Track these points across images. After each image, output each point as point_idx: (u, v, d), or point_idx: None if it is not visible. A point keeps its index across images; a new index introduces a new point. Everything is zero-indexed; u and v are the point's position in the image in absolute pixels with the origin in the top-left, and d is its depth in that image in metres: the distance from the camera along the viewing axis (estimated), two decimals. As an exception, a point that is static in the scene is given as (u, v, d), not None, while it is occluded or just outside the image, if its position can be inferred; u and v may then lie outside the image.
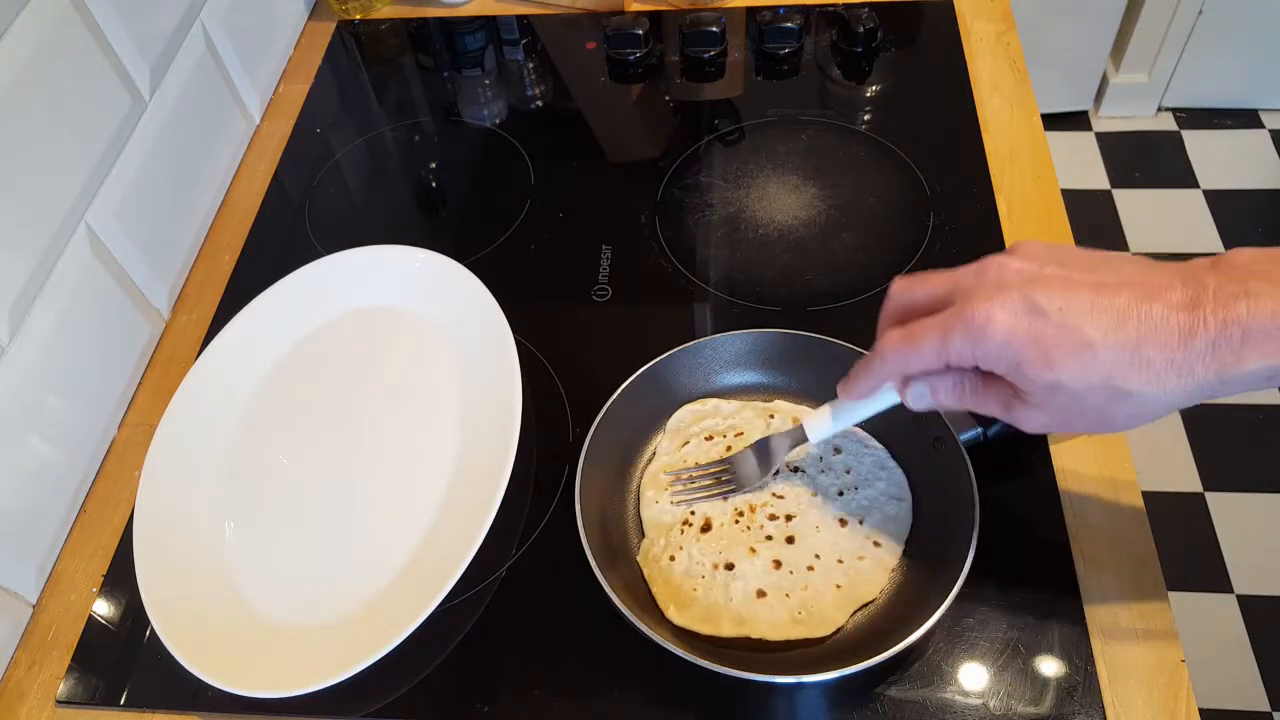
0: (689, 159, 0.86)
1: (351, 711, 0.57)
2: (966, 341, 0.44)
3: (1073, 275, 0.44)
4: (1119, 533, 0.60)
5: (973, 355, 0.44)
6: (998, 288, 0.44)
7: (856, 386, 0.52)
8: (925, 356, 0.46)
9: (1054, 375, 0.43)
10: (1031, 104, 0.87)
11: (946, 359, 0.45)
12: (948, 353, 0.45)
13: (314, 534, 0.64)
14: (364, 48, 1.03)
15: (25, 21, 0.64)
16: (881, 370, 0.49)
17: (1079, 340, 0.42)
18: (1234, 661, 1.37)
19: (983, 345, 0.44)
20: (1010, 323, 0.43)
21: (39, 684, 0.61)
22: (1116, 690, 0.54)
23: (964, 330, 0.44)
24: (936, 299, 0.47)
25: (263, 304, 0.73)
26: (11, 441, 0.62)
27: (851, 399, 0.53)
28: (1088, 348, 0.42)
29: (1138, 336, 0.42)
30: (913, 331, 0.47)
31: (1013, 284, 0.44)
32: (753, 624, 0.56)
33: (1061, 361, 0.42)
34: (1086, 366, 0.42)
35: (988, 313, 0.43)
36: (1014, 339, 0.43)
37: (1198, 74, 1.99)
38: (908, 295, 0.49)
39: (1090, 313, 0.42)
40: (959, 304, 0.45)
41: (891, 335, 0.48)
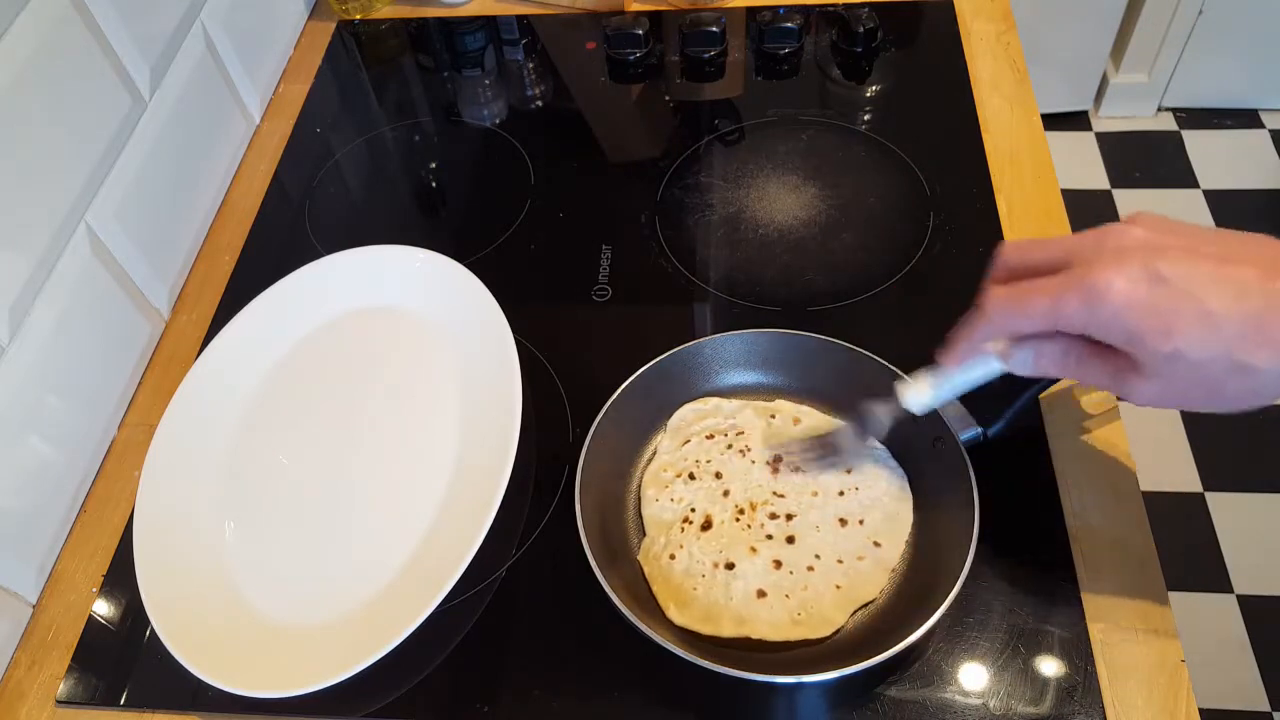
0: (689, 159, 0.86)
1: (351, 711, 0.57)
2: (1082, 305, 0.42)
3: (1197, 247, 0.42)
4: (1119, 533, 0.60)
5: (1086, 321, 0.43)
6: (1118, 254, 0.42)
7: (956, 348, 0.50)
8: (1034, 317, 0.44)
9: (1173, 345, 0.41)
10: (1031, 104, 0.87)
11: (1056, 322, 0.44)
12: (1059, 315, 0.43)
13: (314, 534, 0.64)
14: (364, 48, 1.03)
15: (25, 21, 0.64)
16: (984, 328, 0.47)
17: (1200, 310, 0.41)
18: (1234, 661, 1.37)
19: (1099, 311, 0.42)
20: (1130, 289, 0.41)
21: (39, 684, 0.61)
22: (1116, 690, 0.54)
23: (1080, 294, 0.42)
24: (1051, 262, 0.45)
25: (263, 304, 0.73)
26: (11, 441, 0.62)
27: (952, 363, 0.51)
28: (1209, 318, 0.41)
29: (1262, 309, 0.40)
30: (1022, 290, 0.45)
31: (1134, 250, 0.42)
32: (753, 624, 0.56)
33: (1182, 331, 0.41)
34: (1208, 337, 0.41)
35: (1107, 279, 0.42)
36: (1133, 305, 0.41)
37: (1198, 74, 1.99)
38: (1019, 256, 0.47)
39: (1213, 283, 0.41)
40: (1076, 268, 0.43)
41: (998, 292, 0.46)
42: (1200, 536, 1.49)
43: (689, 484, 0.62)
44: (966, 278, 0.73)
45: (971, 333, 0.48)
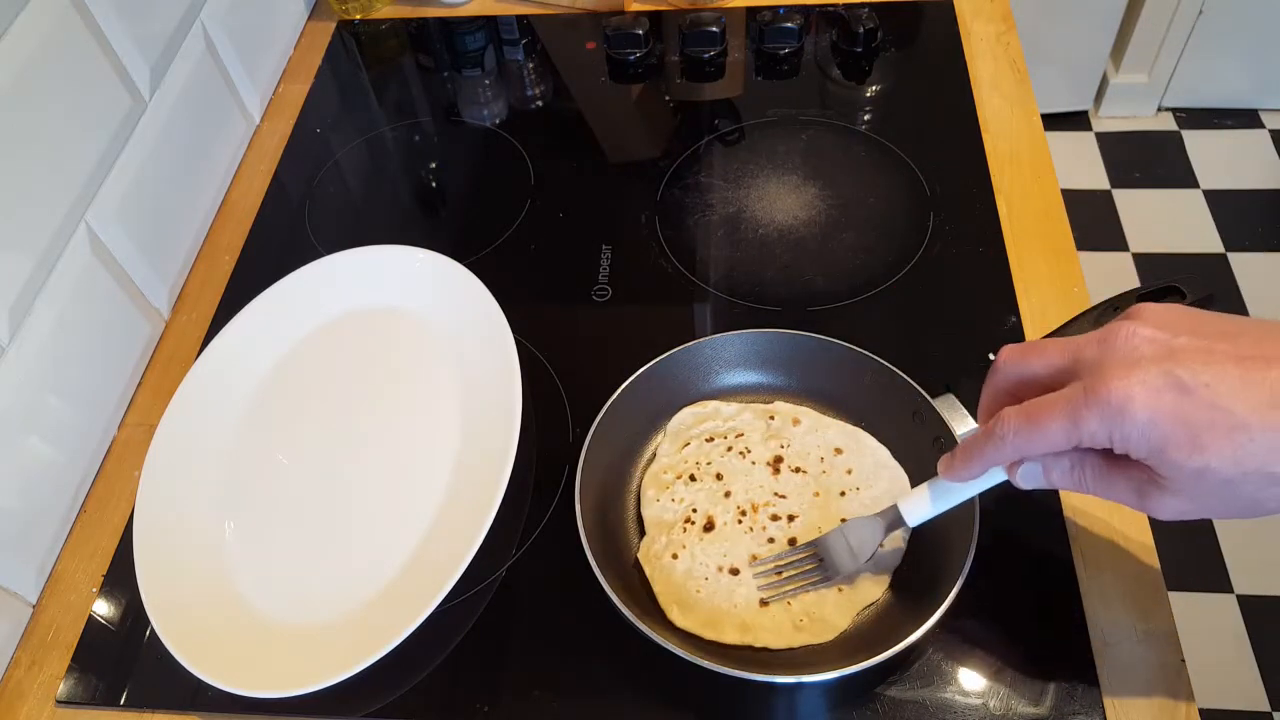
0: (689, 159, 0.86)
1: (351, 711, 0.57)
2: (1103, 423, 0.40)
3: (1213, 346, 0.39)
4: (1119, 533, 0.60)
5: (1109, 438, 0.40)
6: (1131, 362, 0.40)
7: (966, 468, 0.47)
8: (1051, 439, 0.42)
9: (1204, 460, 0.39)
10: (1031, 104, 0.87)
11: (1078, 441, 0.41)
12: (1080, 435, 0.41)
13: (314, 534, 0.64)
14: (364, 48, 1.03)
15: (25, 21, 0.64)
16: (998, 454, 0.45)
17: (1232, 422, 0.38)
18: (1234, 661, 1.37)
19: (1122, 428, 0.39)
20: (1153, 402, 0.39)
21: (39, 684, 0.61)
22: (1116, 690, 0.54)
23: (1100, 411, 0.39)
24: (1056, 372, 0.43)
25: (263, 304, 0.73)
26: (11, 441, 0.62)
27: (958, 481, 0.49)
28: (1242, 430, 0.38)
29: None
30: (1035, 412, 0.42)
31: (1147, 356, 0.40)
32: (756, 632, 0.56)
33: (1213, 446, 0.38)
34: (1241, 451, 0.38)
35: (1126, 391, 0.39)
36: (1159, 419, 0.39)
37: (1198, 74, 1.99)
38: (1021, 367, 0.45)
39: (1240, 390, 0.38)
40: (1088, 380, 0.40)
41: (1010, 415, 0.43)
42: (1200, 536, 1.49)
43: (690, 485, 0.62)
44: (966, 278, 0.74)
45: (983, 455, 0.46)
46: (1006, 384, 0.46)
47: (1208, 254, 1.84)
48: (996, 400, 0.47)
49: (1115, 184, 1.98)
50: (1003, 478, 0.48)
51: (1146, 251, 1.86)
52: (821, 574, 0.57)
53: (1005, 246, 0.75)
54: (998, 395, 0.47)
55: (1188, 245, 1.86)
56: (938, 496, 0.53)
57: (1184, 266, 1.82)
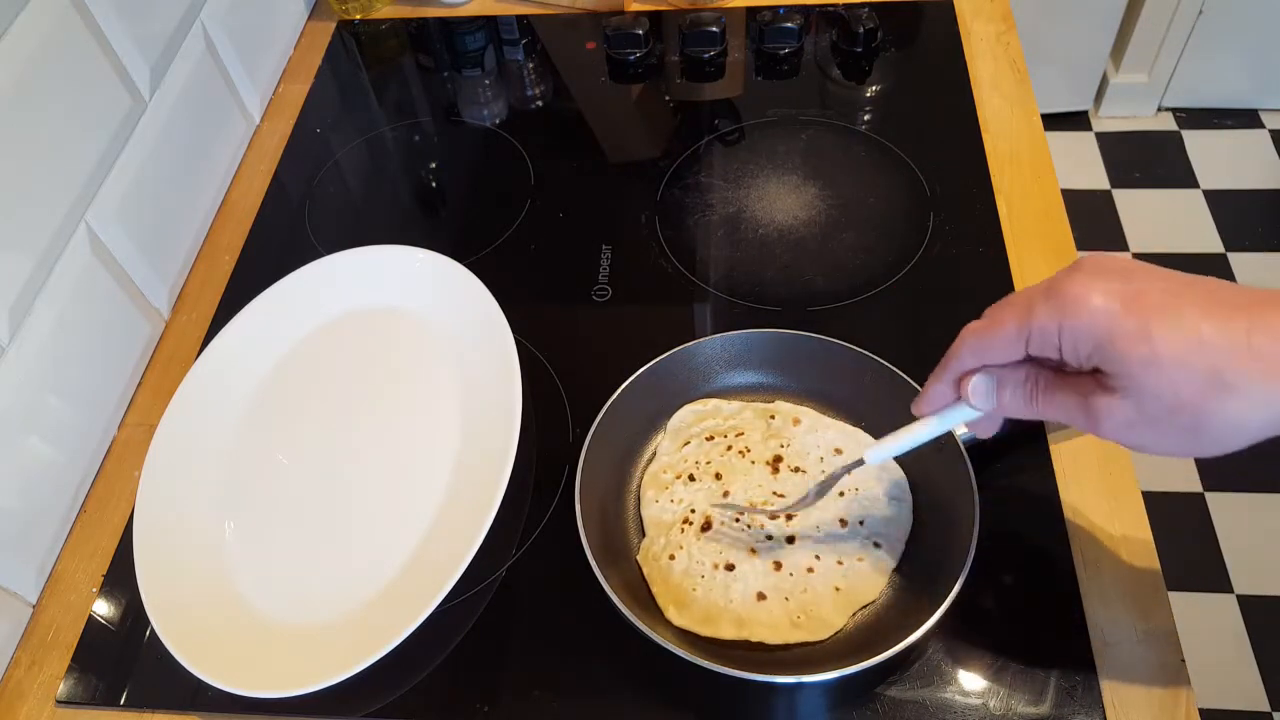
0: (689, 159, 0.86)
1: (351, 711, 0.57)
2: (1054, 315, 0.40)
3: (1175, 276, 0.40)
4: (1119, 533, 0.60)
5: (1058, 330, 0.41)
6: (1094, 272, 0.41)
7: (930, 390, 0.48)
8: (1006, 335, 0.43)
9: (1151, 348, 0.38)
10: (1031, 104, 0.87)
11: (1028, 336, 0.42)
12: (1030, 328, 0.41)
13: (314, 534, 0.64)
14: (364, 48, 1.03)
15: (25, 21, 0.64)
16: (956, 359, 0.46)
17: (1182, 321, 0.38)
18: (1234, 661, 1.37)
19: (1073, 318, 0.40)
20: (1105, 296, 0.39)
21: (39, 684, 0.61)
22: (1116, 690, 0.54)
23: (1054, 303, 0.40)
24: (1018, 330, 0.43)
25: (263, 304, 0.73)
26: (11, 441, 0.62)
27: (926, 408, 0.49)
28: (1193, 329, 0.38)
29: (1249, 327, 0.38)
30: (991, 314, 0.43)
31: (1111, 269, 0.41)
32: (752, 627, 0.56)
33: (1161, 334, 0.38)
34: (1189, 347, 0.38)
35: (1084, 289, 0.40)
36: (1110, 308, 0.39)
37: (1198, 74, 1.99)
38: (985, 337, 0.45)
39: (1196, 301, 0.39)
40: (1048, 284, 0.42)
41: (968, 327, 0.45)
42: (1200, 536, 1.49)
43: (689, 485, 0.62)
44: (966, 278, 0.74)
45: (945, 368, 0.47)
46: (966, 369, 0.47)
47: (1208, 254, 1.84)
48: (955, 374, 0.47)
49: (1115, 184, 1.98)
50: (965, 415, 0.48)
51: (1146, 251, 1.86)
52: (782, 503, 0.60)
53: (1005, 246, 0.75)
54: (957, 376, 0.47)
55: (1188, 245, 1.86)
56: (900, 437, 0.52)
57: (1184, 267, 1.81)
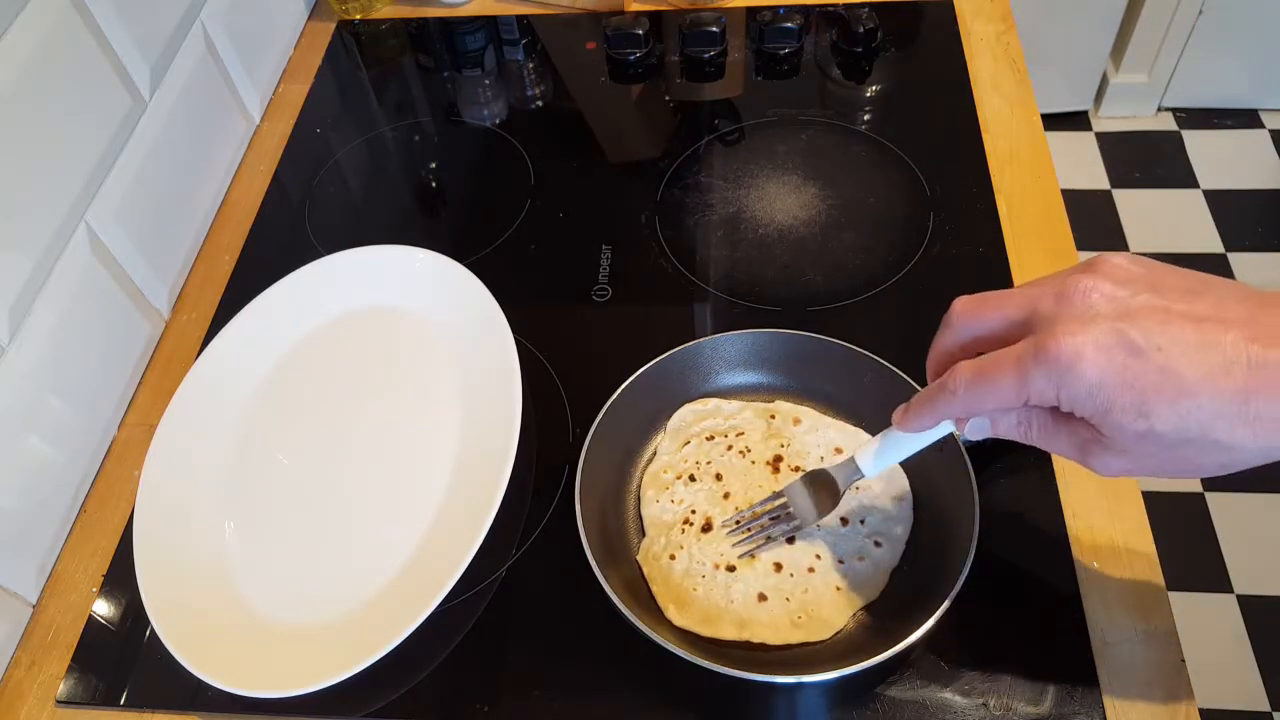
0: (689, 159, 0.86)
1: (351, 711, 0.57)
2: (1050, 381, 0.39)
3: (1171, 305, 0.39)
4: (1119, 533, 0.60)
5: (1056, 396, 0.40)
6: (1086, 319, 0.39)
7: (917, 420, 0.47)
8: (1001, 395, 0.41)
9: (1148, 424, 0.38)
10: (1031, 104, 0.87)
11: (1026, 398, 0.41)
12: (1028, 392, 0.40)
13: (314, 534, 0.64)
14: (364, 48, 1.03)
15: (25, 21, 0.64)
16: (949, 408, 0.45)
17: (1179, 387, 0.37)
18: (1234, 661, 1.37)
19: (1069, 386, 0.39)
20: (1102, 362, 0.38)
21: (39, 684, 0.61)
22: (1116, 690, 0.54)
23: (1048, 368, 0.39)
24: (1011, 325, 0.43)
25: (263, 304, 0.73)
26: (11, 441, 0.62)
27: (909, 431, 0.49)
28: (1189, 397, 0.37)
29: (1247, 386, 0.37)
30: (987, 367, 0.42)
31: (1103, 314, 0.39)
32: (753, 627, 0.56)
33: (1158, 410, 0.38)
34: (1185, 417, 0.38)
35: (1076, 349, 0.38)
36: (1106, 382, 0.38)
37: (1198, 74, 1.99)
38: (975, 320, 0.45)
39: (1194, 353, 0.37)
40: (1040, 335, 0.40)
41: (963, 370, 0.43)
42: (1200, 536, 1.49)
43: (689, 485, 0.62)
44: (966, 278, 0.74)
45: (934, 408, 0.46)
46: (964, 339, 0.46)
47: (1208, 254, 1.84)
48: (948, 354, 0.46)
49: (1115, 184, 1.98)
50: (952, 429, 0.49)
51: (1146, 251, 1.86)
52: (789, 524, 0.58)
53: (1005, 246, 0.75)
54: (951, 350, 0.46)
55: (1188, 245, 1.86)
56: (892, 447, 0.53)
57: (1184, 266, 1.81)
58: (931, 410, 0.46)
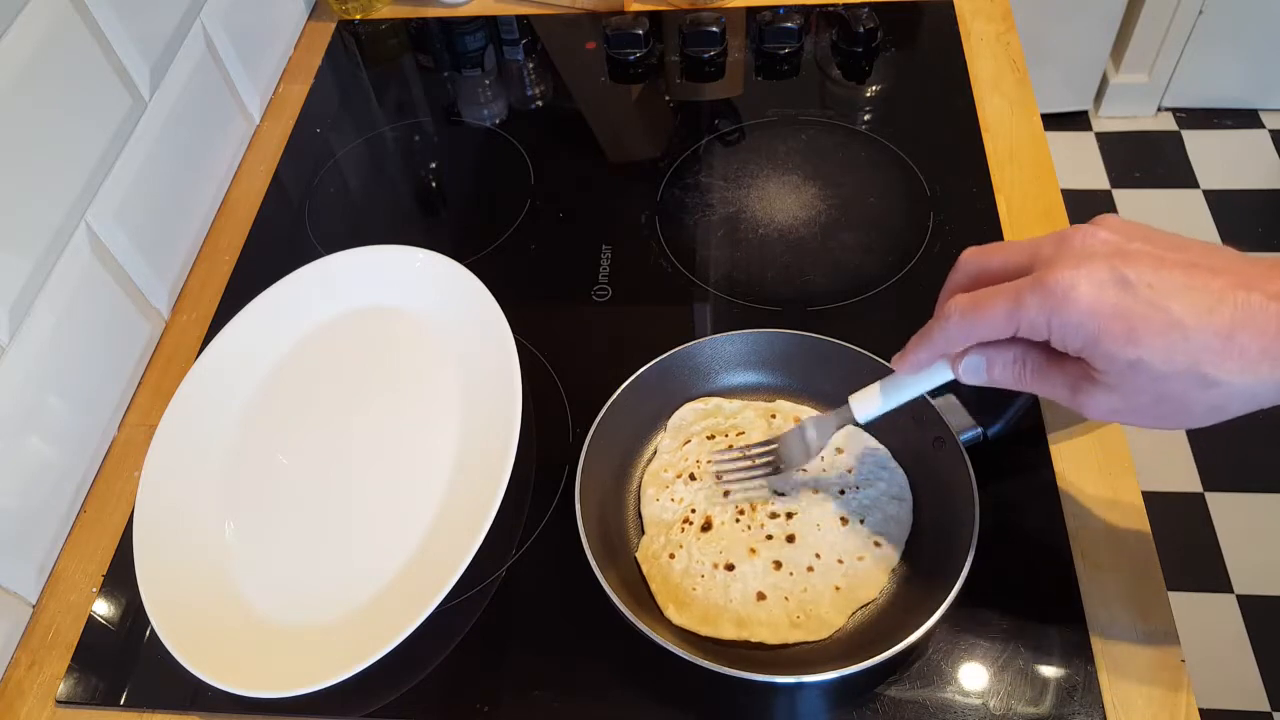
0: (689, 159, 0.86)
1: (351, 711, 0.57)
2: (1043, 309, 0.41)
3: (1164, 254, 0.41)
4: (1119, 533, 0.60)
5: (1048, 325, 0.41)
6: (1082, 256, 0.41)
7: (915, 356, 0.48)
8: (994, 322, 0.43)
9: (1137, 352, 0.40)
10: (1031, 104, 0.87)
11: (1017, 326, 0.42)
12: (1020, 319, 0.42)
13: (314, 534, 0.64)
14: (364, 48, 1.03)
15: (25, 21, 0.64)
16: (943, 337, 0.46)
17: (1168, 319, 0.39)
18: (1234, 661, 1.37)
19: (1061, 314, 0.41)
20: (1094, 293, 0.40)
21: (39, 684, 0.61)
22: (1116, 690, 0.54)
23: (1043, 296, 0.41)
24: (1012, 267, 0.44)
25: (263, 304, 0.73)
26: (11, 441, 0.62)
27: (908, 371, 0.50)
28: (1177, 328, 0.39)
29: (1232, 322, 0.39)
30: (982, 296, 0.43)
31: (1099, 254, 0.41)
32: (752, 627, 0.56)
33: (1147, 339, 0.40)
34: (1174, 347, 0.39)
35: (1071, 280, 0.40)
36: (1098, 309, 0.40)
37: (1198, 74, 1.99)
38: (979, 261, 0.46)
39: (1182, 292, 0.39)
40: (1039, 271, 0.42)
41: (958, 299, 0.44)
42: (1200, 536, 1.49)
43: (689, 484, 0.62)
44: (966, 278, 0.74)
45: (930, 339, 0.47)
46: (966, 279, 0.47)
47: (1208, 254, 1.84)
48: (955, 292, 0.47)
49: (1115, 184, 1.98)
50: (949, 376, 0.49)
51: (1146, 251, 1.86)
52: (774, 467, 0.60)
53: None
54: (954, 291, 0.47)
55: (1188, 245, 1.86)
56: (887, 392, 0.53)
57: (1184, 266, 1.81)
58: (928, 343, 0.47)
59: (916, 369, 0.49)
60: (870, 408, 0.54)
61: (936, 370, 0.50)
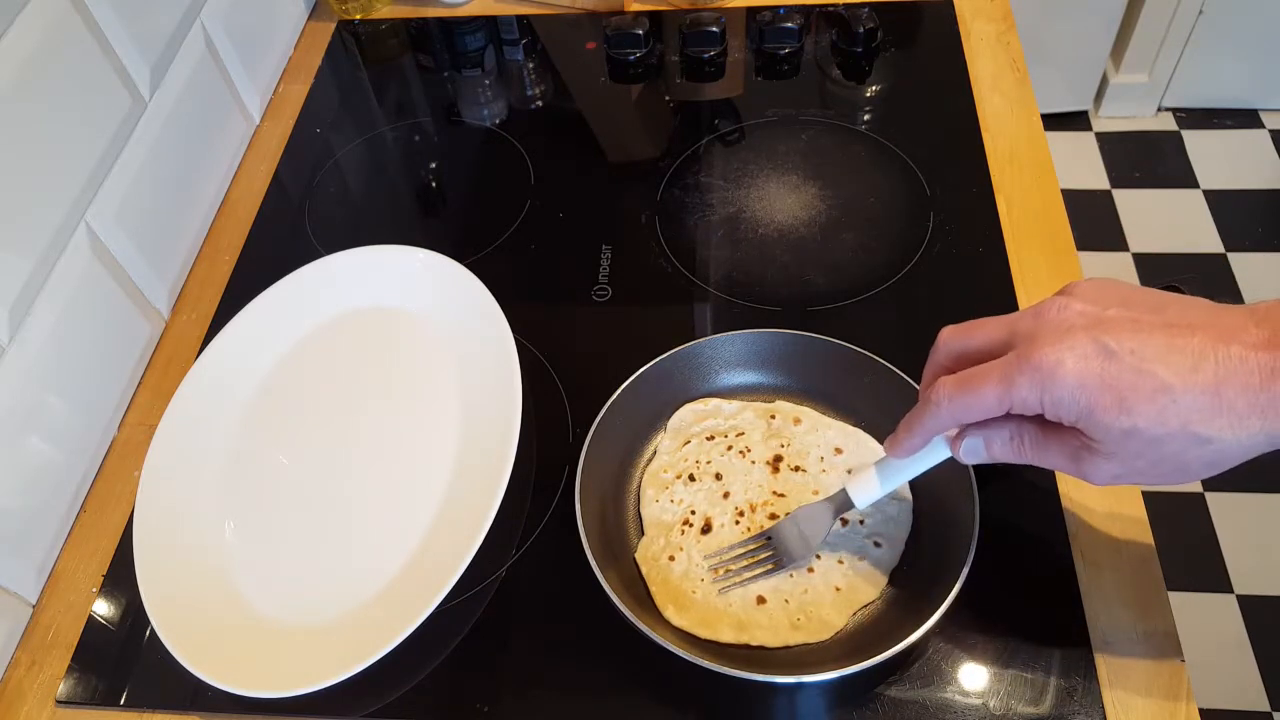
0: (689, 159, 0.86)
1: (351, 711, 0.57)
2: (1034, 386, 0.41)
3: (1140, 316, 0.41)
4: (1119, 533, 0.60)
5: (1040, 402, 0.42)
6: (1062, 330, 0.42)
7: (907, 441, 0.49)
8: (985, 403, 0.43)
9: (1131, 421, 0.40)
10: (1031, 104, 0.86)
11: (1010, 405, 0.43)
12: (1011, 398, 0.42)
13: (314, 534, 0.64)
14: (364, 48, 1.03)
15: (25, 21, 0.64)
16: (934, 421, 0.46)
17: (1155, 384, 0.40)
18: (1234, 661, 1.37)
19: (1052, 391, 0.41)
20: (1081, 366, 0.41)
21: (39, 684, 0.61)
22: (1116, 690, 0.54)
23: (1031, 374, 0.41)
24: (992, 344, 0.45)
25: (263, 304, 0.73)
26: (11, 441, 0.62)
27: (900, 455, 0.50)
28: (1165, 392, 0.40)
29: (1217, 379, 0.39)
30: (970, 378, 0.44)
31: (1078, 325, 0.42)
32: (752, 630, 0.56)
33: (1138, 406, 0.40)
34: (1164, 411, 0.40)
35: (1056, 356, 0.41)
36: (1086, 383, 0.40)
37: (1198, 74, 1.99)
38: (959, 342, 0.47)
39: (1165, 355, 0.40)
40: (1021, 348, 0.42)
41: (945, 382, 0.45)
42: (1200, 536, 1.49)
43: (689, 485, 0.62)
44: (966, 278, 0.74)
45: (922, 425, 0.47)
46: (948, 360, 0.48)
47: (1208, 254, 1.84)
48: (937, 374, 0.48)
49: (1115, 184, 1.98)
50: (946, 454, 0.50)
51: (1146, 251, 1.86)
52: (774, 563, 0.58)
53: (1005, 246, 0.75)
54: (938, 372, 0.48)
55: (1188, 245, 1.86)
56: (884, 476, 0.54)
57: (1184, 266, 1.82)
58: (920, 427, 0.47)
59: (910, 453, 0.50)
60: (868, 493, 0.54)
61: (932, 450, 0.50)
